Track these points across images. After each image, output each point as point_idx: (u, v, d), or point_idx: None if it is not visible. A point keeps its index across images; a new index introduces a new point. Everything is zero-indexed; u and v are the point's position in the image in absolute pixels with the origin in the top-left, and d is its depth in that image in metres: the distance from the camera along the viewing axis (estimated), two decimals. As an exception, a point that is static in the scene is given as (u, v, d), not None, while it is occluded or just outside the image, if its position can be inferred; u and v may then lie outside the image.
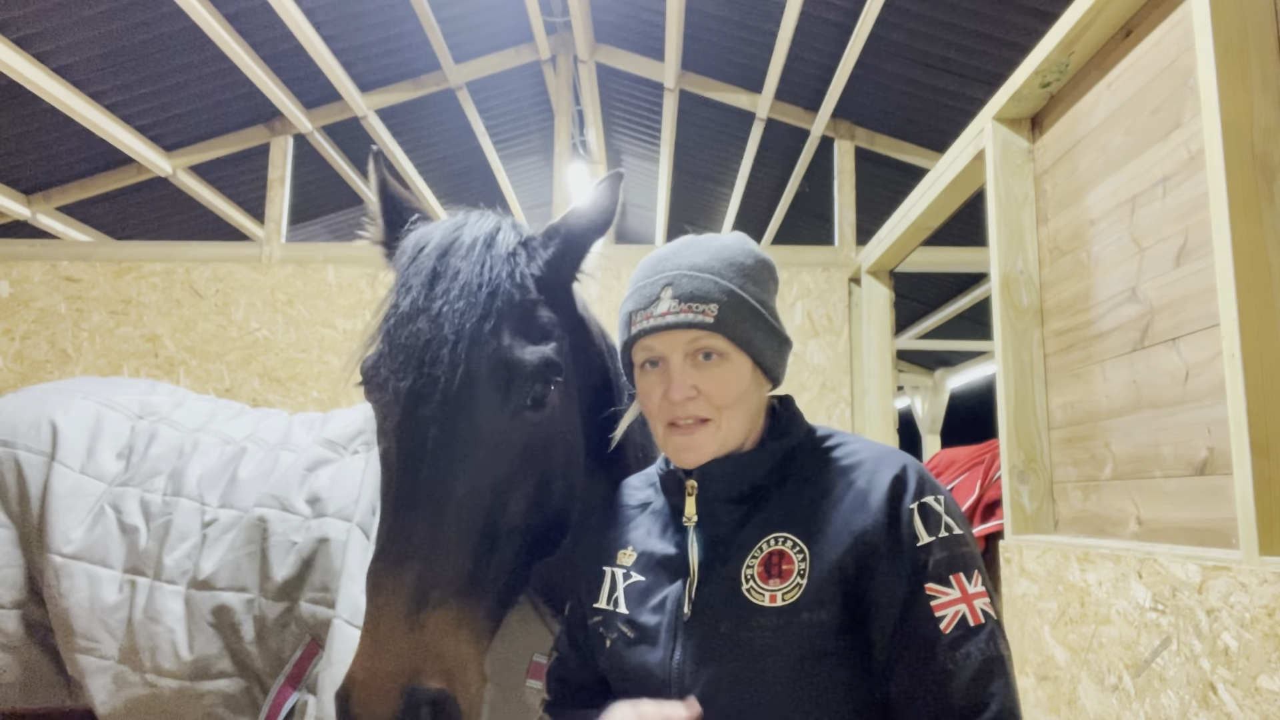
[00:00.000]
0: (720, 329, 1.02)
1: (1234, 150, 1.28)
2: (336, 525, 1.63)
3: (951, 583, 0.94)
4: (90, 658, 1.64)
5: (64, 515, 1.72)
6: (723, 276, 1.05)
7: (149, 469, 1.80)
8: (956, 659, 0.91)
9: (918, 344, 7.76)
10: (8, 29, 3.43)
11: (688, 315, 1.01)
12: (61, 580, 1.67)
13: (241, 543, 1.65)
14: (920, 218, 2.93)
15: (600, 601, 1.11)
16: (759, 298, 1.07)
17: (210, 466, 1.80)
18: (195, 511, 1.72)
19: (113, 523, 1.73)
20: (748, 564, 1.00)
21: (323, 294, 3.91)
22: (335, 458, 1.76)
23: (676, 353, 1.03)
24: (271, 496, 1.69)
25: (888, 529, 0.96)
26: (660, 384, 1.05)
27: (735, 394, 1.04)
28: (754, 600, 0.97)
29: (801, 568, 0.97)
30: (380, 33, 4.22)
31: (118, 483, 1.79)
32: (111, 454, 1.83)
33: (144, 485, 1.77)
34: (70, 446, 1.80)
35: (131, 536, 1.71)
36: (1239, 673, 1.19)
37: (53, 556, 1.69)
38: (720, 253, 1.07)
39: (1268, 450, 1.21)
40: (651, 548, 1.10)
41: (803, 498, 1.03)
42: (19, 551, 1.74)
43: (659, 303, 1.03)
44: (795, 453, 1.09)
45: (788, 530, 1.00)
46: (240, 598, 1.62)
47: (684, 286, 1.03)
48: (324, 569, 1.59)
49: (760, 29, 4.05)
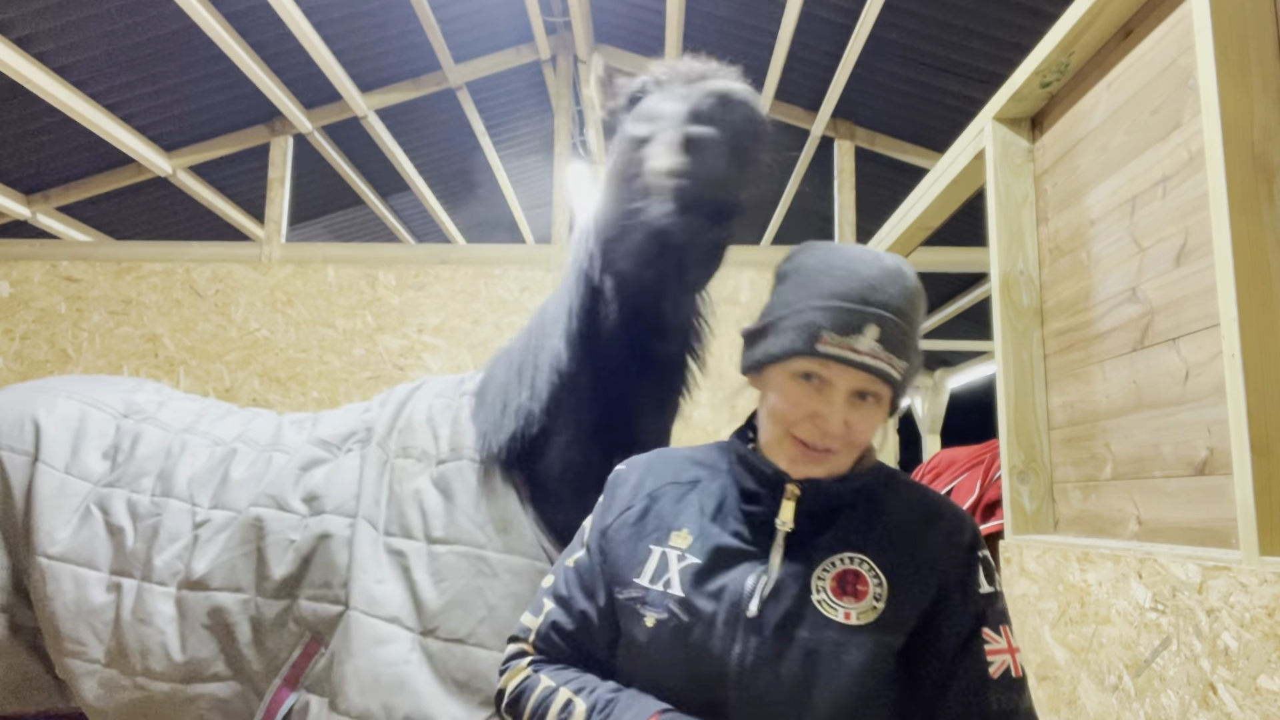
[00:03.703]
0: (898, 386, 1.04)
1: (1234, 150, 1.28)
2: (336, 521, 1.62)
3: (1001, 633, 1.04)
4: (77, 661, 1.63)
5: (49, 516, 1.70)
6: (915, 332, 1.05)
7: (136, 470, 1.78)
8: (1003, 703, 1.00)
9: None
10: (8, 29, 3.43)
11: (885, 367, 1.00)
12: (48, 582, 1.66)
13: (236, 543, 1.64)
14: (920, 218, 2.93)
15: (643, 579, 1.09)
16: (921, 333, 1.09)
17: (200, 467, 1.79)
18: (186, 512, 1.71)
19: (99, 524, 1.71)
20: (819, 575, 1.04)
21: (323, 294, 3.91)
22: (329, 457, 1.75)
23: (848, 385, 1.02)
24: (266, 496, 1.68)
25: (964, 574, 1.04)
26: (814, 404, 1.03)
27: (873, 435, 1.08)
28: (825, 613, 1.01)
29: (877, 592, 1.02)
30: (380, 33, 4.22)
31: (103, 483, 1.77)
32: (97, 453, 1.81)
33: (131, 486, 1.76)
34: (54, 446, 1.77)
35: (118, 538, 1.70)
36: (1239, 673, 1.19)
37: (39, 558, 1.67)
38: (912, 298, 1.05)
39: (1268, 450, 1.21)
40: (710, 530, 1.09)
41: (877, 525, 1.07)
42: (3, 553, 1.72)
43: (862, 338, 1.00)
44: (871, 483, 1.13)
45: (865, 553, 1.05)
46: (236, 598, 1.61)
47: (891, 334, 1.01)
48: (324, 565, 1.59)
49: (760, 29, 4.05)
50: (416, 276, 3.92)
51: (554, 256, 3.97)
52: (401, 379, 3.83)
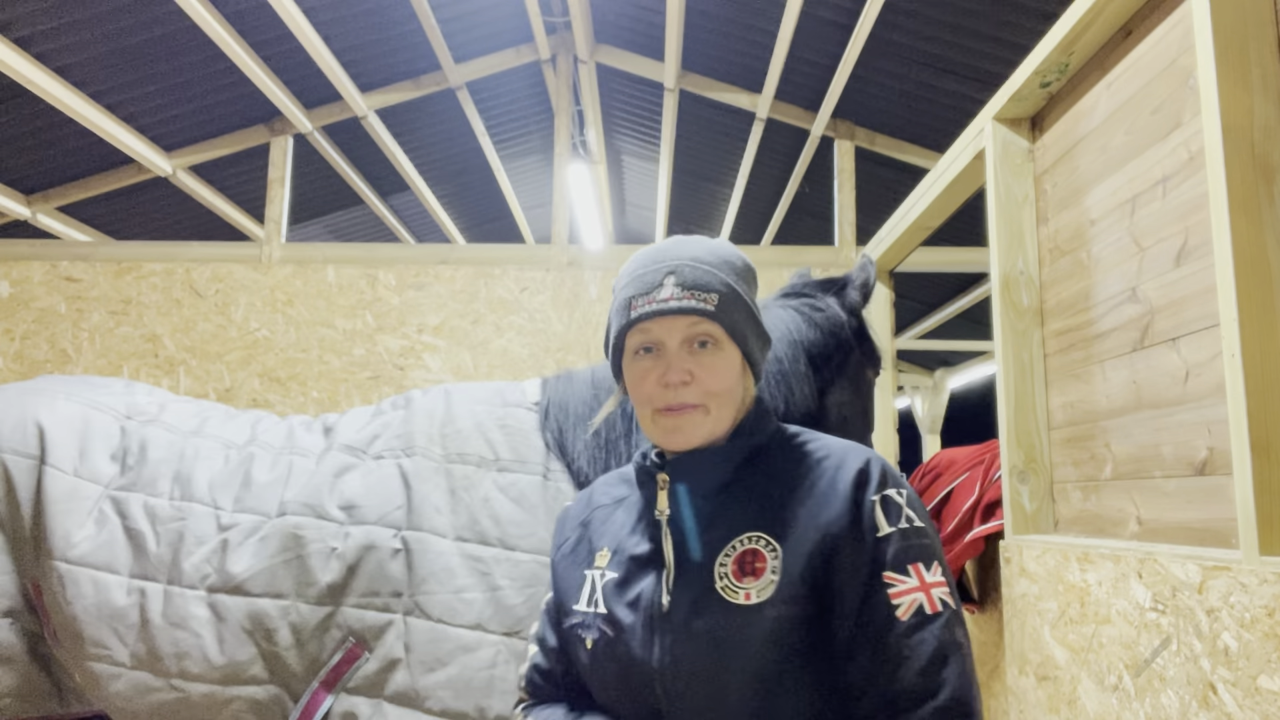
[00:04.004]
0: (719, 318, 1.06)
1: (1234, 150, 1.28)
2: (381, 533, 1.64)
3: (910, 572, 0.97)
4: (102, 664, 1.63)
5: (63, 519, 1.70)
6: (721, 270, 1.09)
7: (150, 474, 1.77)
8: (911, 645, 0.94)
9: (918, 344, 7.76)
10: (8, 29, 3.43)
11: (690, 301, 1.04)
12: (67, 586, 1.65)
13: (276, 550, 1.65)
14: (920, 218, 2.93)
15: (580, 604, 1.12)
16: (749, 296, 1.13)
17: (218, 470, 1.79)
18: (209, 516, 1.71)
19: (117, 528, 1.71)
20: (720, 561, 1.03)
21: (323, 294, 3.91)
22: (358, 462, 1.76)
23: (675, 337, 1.06)
24: (303, 504, 1.69)
25: (850, 521, 1.00)
26: (655, 369, 1.07)
27: (728, 383, 1.07)
28: (728, 598, 1.00)
29: (774, 565, 1.00)
30: (380, 33, 4.22)
31: (115, 485, 1.76)
32: (105, 455, 1.81)
33: (148, 490, 1.75)
34: (61, 449, 1.77)
35: (138, 541, 1.69)
36: (1239, 673, 1.19)
37: (56, 563, 1.67)
38: (716, 250, 1.12)
39: (1268, 450, 1.21)
40: (625, 543, 1.12)
41: (772, 494, 1.06)
42: (8, 559, 1.71)
43: (662, 288, 1.06)
44: (765, 449, 1.12)
45: (760, 528, 1.03)
46: (277, 604, 1.62)
47: (687, 275, 1.06)
48: (371, 575, 1.61)
49: (760, 29, 4.05)
50: (416, 276, 3.92)
51: (554, 256, 3.97)
52: (401, 379, 3.83)
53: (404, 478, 1.71)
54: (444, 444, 1.75)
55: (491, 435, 1.75)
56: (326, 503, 1.69)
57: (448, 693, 1.54)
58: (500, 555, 1.62)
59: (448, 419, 1.79)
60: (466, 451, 1.73)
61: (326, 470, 1.75)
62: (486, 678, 1.55)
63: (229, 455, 1.83)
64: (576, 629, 1.11)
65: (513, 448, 1.74)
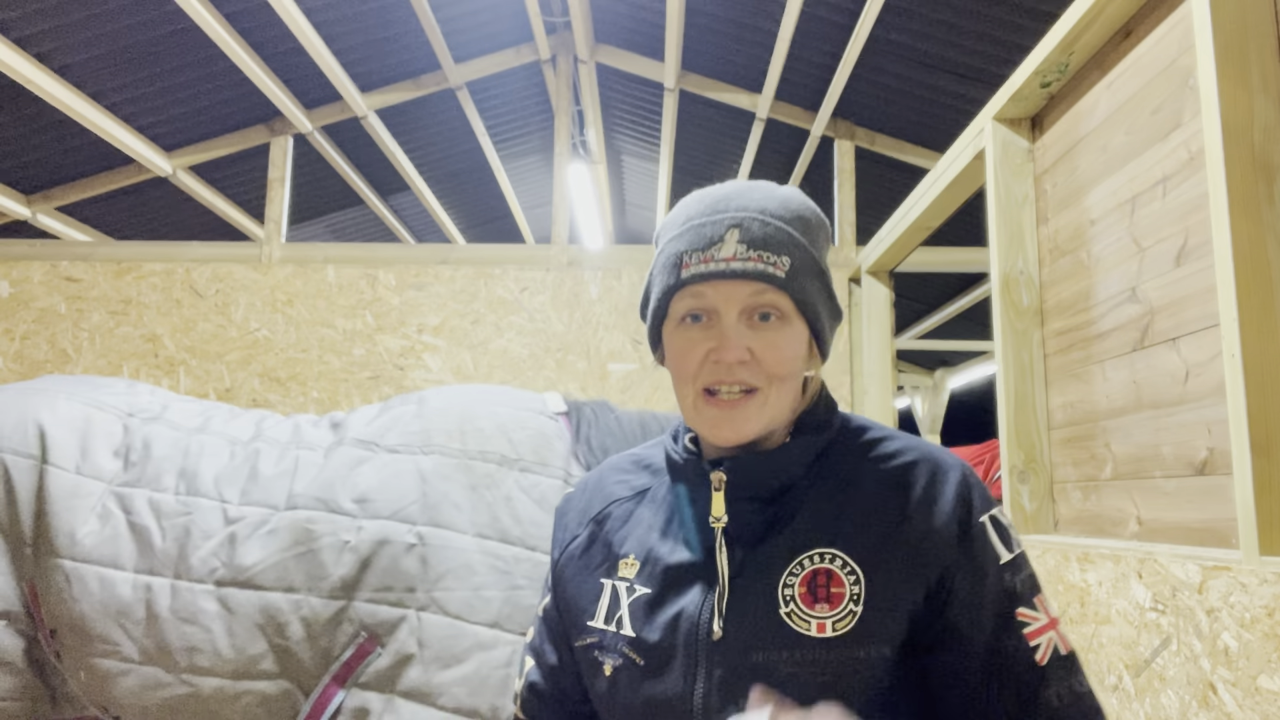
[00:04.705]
0: (789, 288, 0.86)
1: (1234, 150, 1.28)
2: (396, 527, 1.63)
3: (1037, 606, 0.84)
4: (111, 661, 1.63)
5: (67, 517, 1.70)
6: (794, 228, 0.89)
7: (155, 470, 1.77)
8: (1063, 693, 0.81)
9: (918, 344, 7.76)
10: (8, 29, 3.43)
11: (758, 265, 0.85)
12: (73, 584, 1.65)
13: (287, 543, 1.65)
14: (920, 218, 2.93)
15: (597, 620, 0.93)
16: (823, 260, 0.92)
17: (223, 465, 1.79)
18: (216, 510, 1.71)
19: (121, 523, 1.71)
20: (785, 582, 0.84)
21: (323, 294, 3.91)
22: (371, 455, 1.76)
23: (733, 307, 0.86)
24: (313, 498, 1.69)
25: (961, 548, 0.83)
26: (706, 341, 0.87)
27: (792, 365, 0.88)
28: (796, 627, 0.82)
29: (854, 592, 0.82)
30: (380, 33, 4.22)
31: (119, 482, 1.76)
32: (108, 452, 1.80)
33: (152, 485, 1.75)
34: (62, 448, 1.76)
35: (143, 536, 1.69)
36: (1239, 673, 1.19)
37: (63, 560, 1.67)
38: (789, 201, 0.91)
39: (1268, 450, 1.21)
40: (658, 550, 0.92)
41: (847, 506, 0.87)
42: (6, 561, 1.70)
43: (723, 245, 0.86)
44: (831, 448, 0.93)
45: (835, 546, 0.85)
46: (288, 598, 1.62)
47: (755, 232, 0.86)
48: (384, 570, 1.60)
49: (760, 29, 4.05)
50: (416, 276, 3.92)
51: (554, 256, 3.97)
52: (401, 379, 3.83)
53: (421, 472, 1.70)
54: (464, 440, 1.74)
55: (514, 435, 1.75)
56: (339, 495, 1.69)
57: (462, 690, 1.53)
58: (521, 554, 1.61)
59: (467, 416, 1.79)
60: (488, 450, 1.72)
61: (338, 463, 1.74)
62: (502, 676, 1.55)
63: (234, 450, 1.83)
64: (592, 650, 0.93)
65: (534, 449, 1.73)
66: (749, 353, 0.86)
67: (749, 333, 0.87)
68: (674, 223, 0.92)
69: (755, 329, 0.87)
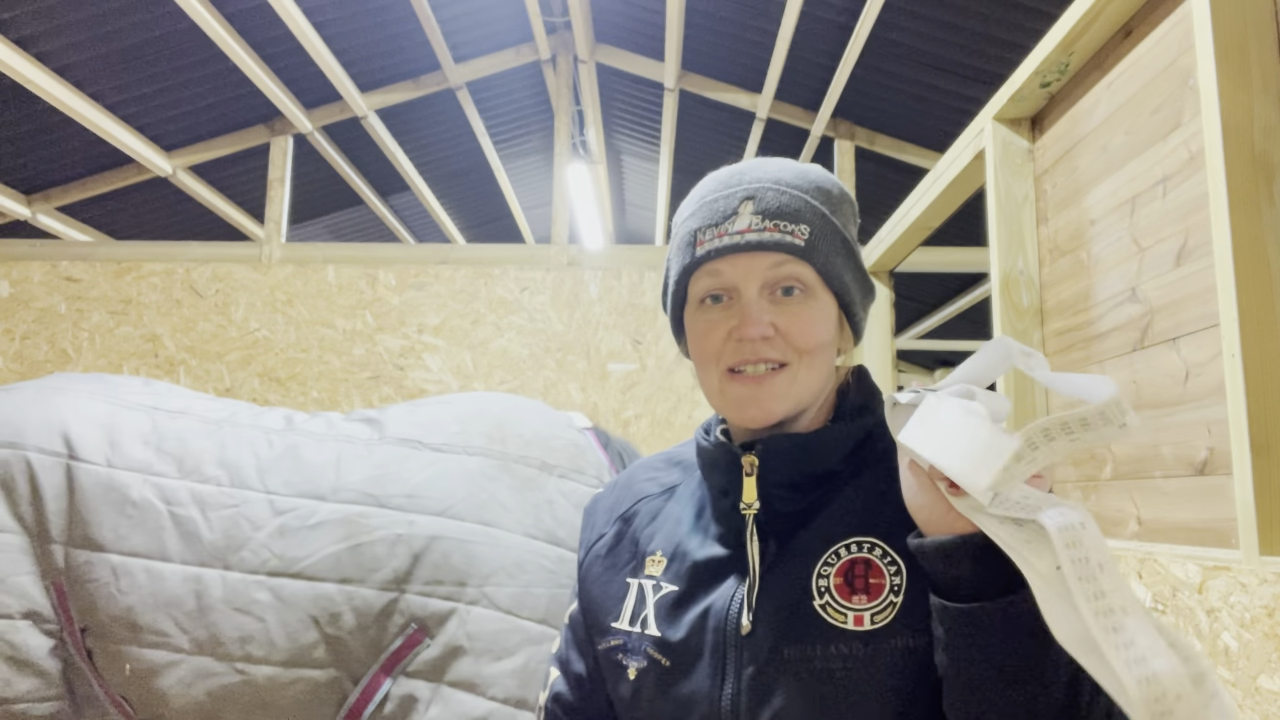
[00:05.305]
0: (810, 257, 0.82)
1: (1234, 150, 1.28)
2: (447, 524, 1.66)
3: None
4: (160, 652, 1.64)
5: (101, 512, 1.70)
6: (813, 196, 0.84)
7: (194, 462, 1.77)
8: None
9: (918, 344, 7.76)
10: (8, 29, 3.43)
11: (775, 235, 0.81)
12: (120, 578, 1.66)
13: (340, 536, 1.67)
14: (920, 218, 2.93)
15: (621, 621, 0.89)
16: (848, 231, 0.87)
17: (264, 457, 1.80)
18: (263, 501, 1.72)
19: (164, 515, 1.71)
20: (820, 572, 0.79)
21: (323, 294, 3.91)
22: (415, 453, 1.79)
23: (753, 282, 0.82)
24: (363, 493, 1.71)
25: None
26: (727, 321, 0.83)
27: (820, 339, 0.83)
28: (831, 620, 0.77)
29: (895, 583, 0.77)
30: (380, 33, 4.22)
31: (154, 472, 1.76)
32: (137, 442, 1.80)
33: (194, 477, 1.75)
34: (90, 444, 1.76)
35: (188, 528, 1.70)
36: (1239, 673, 1.19)
37: (108, 555, 1.67)
38: (807, 173, 0.87)
39: (1268, 450, 1.21)
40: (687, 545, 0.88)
41: (888, 494, 0.80)
42: (29, 559, 1.70)
43: (737, 218, 0.82)
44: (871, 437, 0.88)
45: (874, 535, 0.79)
46: (341, 589, 1.64)
47: (770, 201, 0.82)
48: (436, 564, 1.63)
49: (760, 29, 4.05)
50: (416, 276, 3.92)
51: (554, 256, 3.97)
52: (401, 379, 3.83)
53: (467, 472, 1.73)
54: (505, 444, 1.78)
55: (552, 443, 1.79)
56: (389, 490, 1.71)
57: (513, 681, 1.56)
58: (565, 556, 1.65)
59: (505, 421, 1.83)
60: (529, 455, 1.76)
61: (383, 459, 1.77)
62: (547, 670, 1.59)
63: (271, 440, 1.84)
64: (615, 653, 0.89)
65: (570, 458, 1.78)
66: (773, 328, 0.82)
67: (772, 308, 0.82)
68: (689, 204, 0.89)
69: (778, 304, 0.83)
